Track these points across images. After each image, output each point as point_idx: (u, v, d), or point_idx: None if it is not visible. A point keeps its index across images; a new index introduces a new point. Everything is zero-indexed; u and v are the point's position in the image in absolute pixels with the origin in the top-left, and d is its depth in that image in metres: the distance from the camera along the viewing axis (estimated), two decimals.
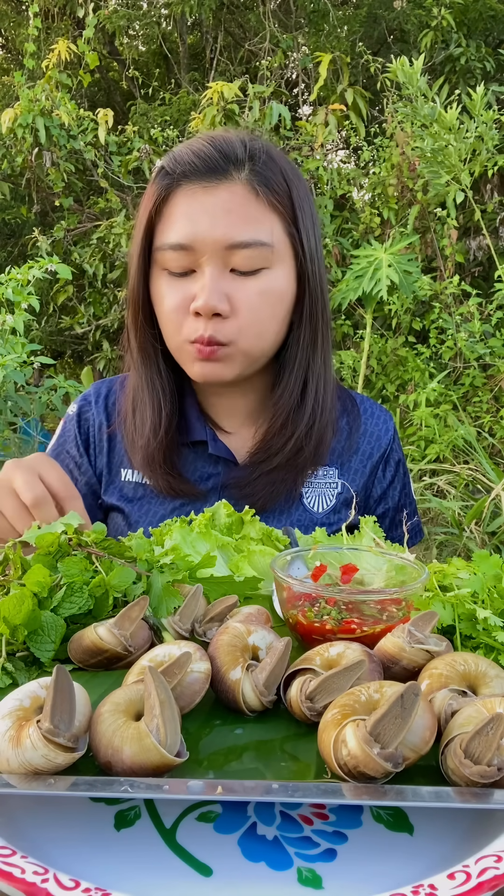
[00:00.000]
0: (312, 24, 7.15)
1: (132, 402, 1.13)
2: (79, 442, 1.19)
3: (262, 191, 1.01)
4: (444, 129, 3.55)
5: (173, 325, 1.04)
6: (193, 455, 1.15)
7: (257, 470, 1.12)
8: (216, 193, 1.00)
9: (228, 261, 1.01)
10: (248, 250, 1.00)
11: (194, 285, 1.02)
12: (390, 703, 0.48)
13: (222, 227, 0.99)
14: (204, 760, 0.54)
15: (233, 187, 1.00)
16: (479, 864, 0.46)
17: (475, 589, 0.72)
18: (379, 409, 1.27)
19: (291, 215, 1.05)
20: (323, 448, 1.14)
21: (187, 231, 1.00)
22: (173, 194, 1.02)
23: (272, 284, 1.03)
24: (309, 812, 0.54)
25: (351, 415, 1.21)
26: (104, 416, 1.20)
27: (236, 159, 1.01)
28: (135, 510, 1.15)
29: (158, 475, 1.11)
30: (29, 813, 0.53)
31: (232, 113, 4.92)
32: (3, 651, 0.65)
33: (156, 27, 7.58)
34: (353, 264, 3.64)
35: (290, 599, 0.73)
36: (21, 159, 5.43)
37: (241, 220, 0.99)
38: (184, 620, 0.70)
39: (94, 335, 6.02)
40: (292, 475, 1.13)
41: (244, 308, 1.02)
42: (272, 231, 1.02)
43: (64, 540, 0.76)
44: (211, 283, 0.99)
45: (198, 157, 1.01)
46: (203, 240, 0.99)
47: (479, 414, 4.41)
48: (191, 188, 1.01)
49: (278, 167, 1.04)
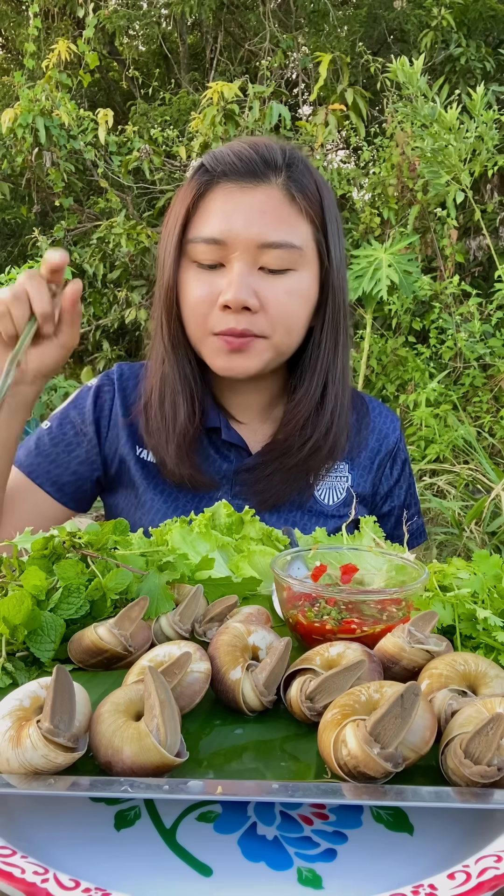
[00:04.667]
0: (312, 24, 7.15)
1: (160, 391, 1.14)
2: (91, 414, 1.20)
3: (298, 196, 1.05)
4: (444, 129, 3.55)
5: (198, 316, 1.06)
6: (207, 441, 1.17)
7: (271, 466, 1.13)
8: (253, 194, 1.03)
9: (258, 259, 1.03)
10: (278, 250, 1.03)
11: (222, 279, 1.04)
12: (390, 703, 0.48)
13: (257, 226, 1.02)
14: (204, 760, 0.54)
15: (269, 190, 1.04)
16: (479, 864, 0.46)
17: (475, 589, 0.72)
18: (387, 410, 1.30)
19: (321, 224, 1.08)
20: (338, 449, 1.16)
21: (222, 227, 1.03)
22: (211, 191, 1.05)
23: (298, 285, 1.06)
24: (309, 812, 0.54)
25: (360, 412, 1.24)
26: (121, 396, 1.21)
27: (275, 165, 1.05)
28: (150, 488, 1.16)
29: (186, 466, 1.12)
30: (29, 813, 0.53)
31: (232, 113, 4.92)
32: (3, 651, 0.65)
33: (156, 27, 7.58)
34: (353, 264, 3.64)
35: (290, 599, 0.73)
36: (21, 159, 5.43)
37: (275, 222, 1.03)
38: (184, 620, 0.70)
39: (94, 335, 6.02)
40: (305, 472, 1.15)
41: (272, 304, 1.04)
42: (302, 236, 1.06)
43: (58, 542, 0.76)
44: (240, 278, 1.02)
45: (239, 158, 1.05)
46: (236, 236, 1.02)
47: (479, 414, 4.41)
48: (229, 187, 1.04)
49: (312, 178, 1.08)
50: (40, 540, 0.75)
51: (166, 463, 1.13)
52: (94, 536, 0.77)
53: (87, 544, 0.76)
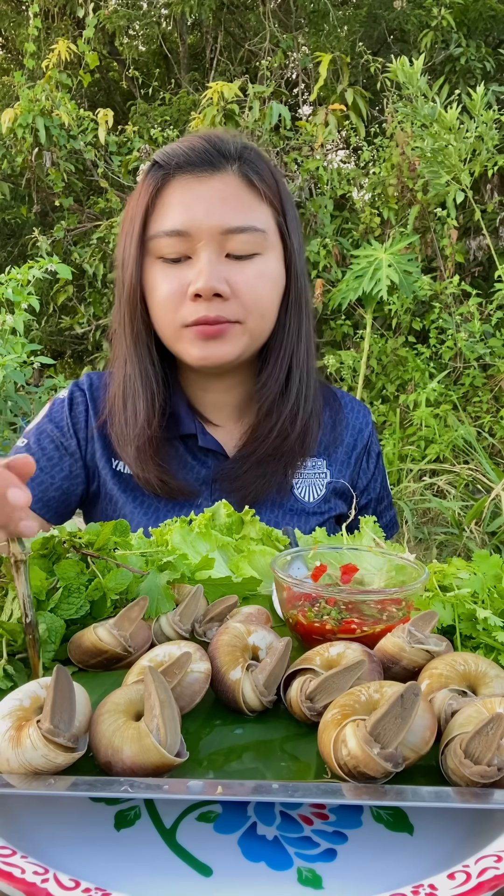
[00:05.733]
0: (312, 24, 7.14)
1: (122, 394, 1.13)
2: (69, 425, 1.18)
3: (255, 180, 1.06)
4: (444, 129, 3.55)
5: (169, 310, 1.05)
6: (183, 449, 1.16)
7: (246, 462, 1.13)
8: (210, 183, 1.04)
9: (224, 246, 1.03)
10: (243, 235, 1.03)
11: (190, 271, 1.04)
12: (390, 703, 0.48)
13: (218, 213, 1.02)
14: (204, 760, 0.54)
15: (226, 178, 1.04)
16: (479, 864, 0.46)
17: (475, 589, 0.72)
18: (357, 403, 1.31)
19: (280, 207, 1.09)
20: (309, 439, 1.16)
21: (183, 218, 1.03)
22: (167, 185, 1.05)
23: (267, 269, 1.07)
24: (309, 812, 0.54)
25: (333, 408, 1.25)
26: (92, 405, 1.20)
27: (228, 153, 1.05)
28: (129, 501, 1.15)
29: (150, 470, 1.10)
30: (29, 813, 0.53)
31: (232, 113, 4.92)
32: (4, 652, 0.65)
33: (156, 27, 7.58)
34: (353, 264, 3.64)
35: (290, 599, 0.73)
36: (21, 159, 5.43)
37: (236, 207, 1.03)
38: (184, 620, 0.70)
39: (94, 335, 6.02)
40: (281, 466, 1.14)
41: (243, 289, 1.04)
42: (264, 219, 1.06)
43: (58, 542, 0.76)
44: (208, 266, 1.02)
45: (192, 149, 1.05)
46: (199, 226, 1.02)
47: (479, 414, 4.40)
48: (185, 179, 1.04)
49: (266, 164, 1.09)
50: (40, 540, 0.75)
51: (132, 468, 1.12)
52: (94, 536, 0.77)
53: (87, 544, 0.76)
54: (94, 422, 1.18)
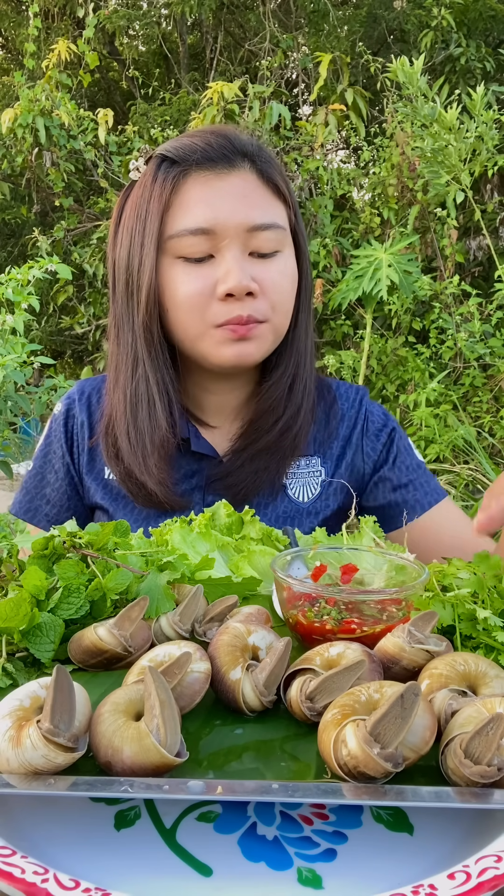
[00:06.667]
0: (312, 24, 7.14)
1: (132, 405, 1.08)
2: (63, 442, 1.18)
3: (270, 177, 1.05)
4: (444, 129, 3.55)
5: (194, 311, 1.03)
6: (176, 453, 1.14)
7: (239, 458, 1.12)
8: (230, 179, 1.02)
9: (248, 244, 1.03)
10: (267, 232, 1.03)
11: (215, 270, 1.02)
12: (390, 703, 0.48)
13: (242, 210, 1.01)
14: (204, 760, 0.54)
15: (244, 174, 1.04)
16: (479, 864, 0.46)
17: (475, 589, 0.72)
18: (351, 388, 1.25)
19: (293, 204, 1.10)
20: (301, 436, 1.14)
21: (207, 215, 1.01)
22: (183, 182, 1.03)
23: (287, 266, 1.07)
24: (309, 812, 0.54)
25: (327, 401, 1.21)
26: (86, 415, 1.19)
27: (244, 149, 1.04)
28: (119, 509, 1.14)
29: (167, 481, 1.08)
30: (29, 813, 0.53)
31: (232, 113, 4.92)
32: (3, 651, 0.65)
33: (156, 27, 7.58)
34: (353, 264, 3.63)
35: (290, 599, 0.73)
36: (21, 159, 5.43)
37: (258, 204, 1.03)
38: (184, 620, 0.70)
39: (94, 335, 6.02)
40: (274, 463, 1.12)
41: (270, 287, 1.04)
42: (282, 216, 1.07)
43: (58, 542, 0.76)
44: (237, 264, 1.01)
45: (209, 145, 1.03)
46: (224, 223, 1.01)
47: (479, 414, 4.40)
48: (204, 175, 1.02)
49: (275, 164, 1.09)
50: (40, 540, 0.75)
51: (147, 484, 1.07)
52: (94, 536, 0.77)
53: (87, 544, 0.76)
54: (88, 432, 1.17)
